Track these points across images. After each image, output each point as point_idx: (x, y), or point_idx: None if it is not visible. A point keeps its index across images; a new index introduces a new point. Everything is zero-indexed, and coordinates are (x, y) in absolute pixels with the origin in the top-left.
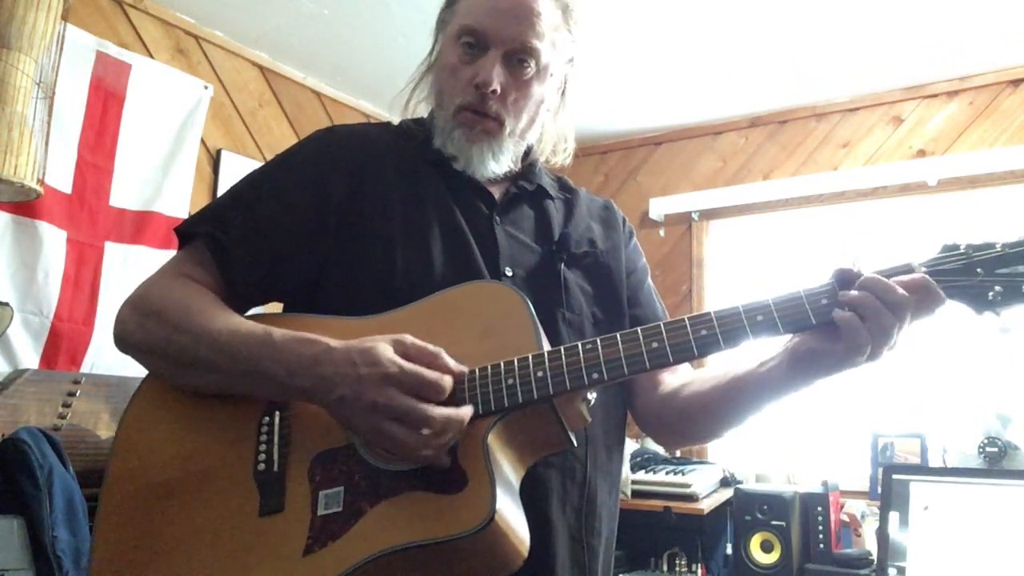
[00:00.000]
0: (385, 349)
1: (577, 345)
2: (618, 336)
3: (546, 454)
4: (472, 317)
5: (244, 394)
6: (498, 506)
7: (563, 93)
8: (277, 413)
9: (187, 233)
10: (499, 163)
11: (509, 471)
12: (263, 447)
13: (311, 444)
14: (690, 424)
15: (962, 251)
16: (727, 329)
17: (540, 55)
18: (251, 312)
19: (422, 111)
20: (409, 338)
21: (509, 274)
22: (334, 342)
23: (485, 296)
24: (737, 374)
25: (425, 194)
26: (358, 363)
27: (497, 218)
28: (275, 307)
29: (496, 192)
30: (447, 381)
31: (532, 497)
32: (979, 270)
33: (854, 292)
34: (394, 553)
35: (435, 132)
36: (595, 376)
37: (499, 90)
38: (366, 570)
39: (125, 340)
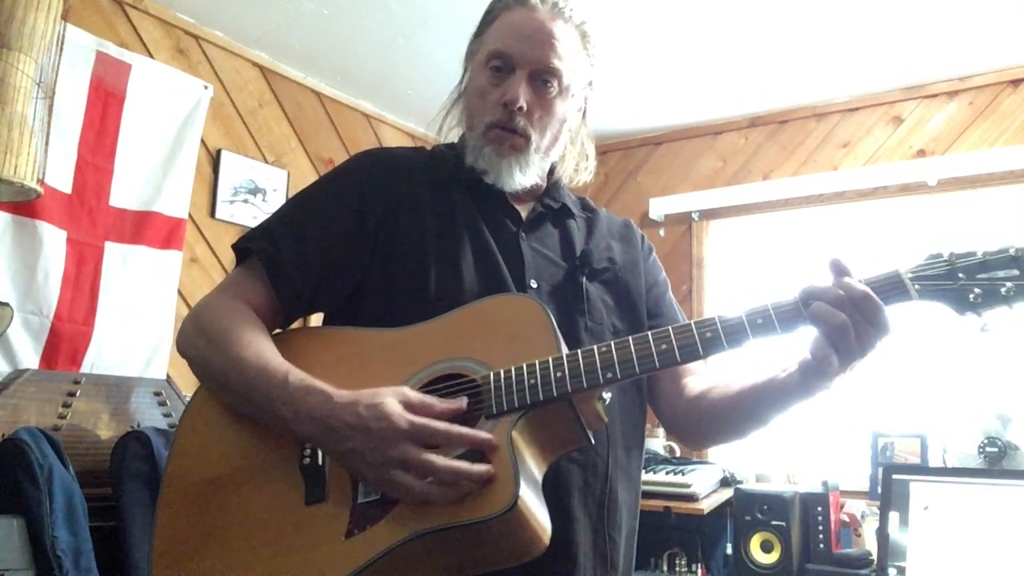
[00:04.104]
0: (392, 404)
1: (593, 348)
2: (630, 339)
3: (567, 451)
4: (498, 326)
5: (262, 422)
6: (520, 493)
7: (583, 115)
8: None
9: (243, 249)
10: (526, 176)
11: (532, 464)
12: (308, 444)
13: None
14: (715, 425)
15: (945, 258)
16: (730, 331)
17: (562, 75)
18: (294, 326)
19: (453, 138)
20: (411, 391)
21: (534, 286)
22: (339, 395)
23: (510, 307)
24: (759, 380)
25: (456, 212)
26: (367, 417)
27: (523, 234)
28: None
29: (522, 210)
30: (454, 430)
31: (556, 490)
32: (961, 275)
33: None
34: (426, 535)
35: (467, 152)
36: (609, 375)
37: (525, 107)
38: (401, 551)
39: (182, 351)
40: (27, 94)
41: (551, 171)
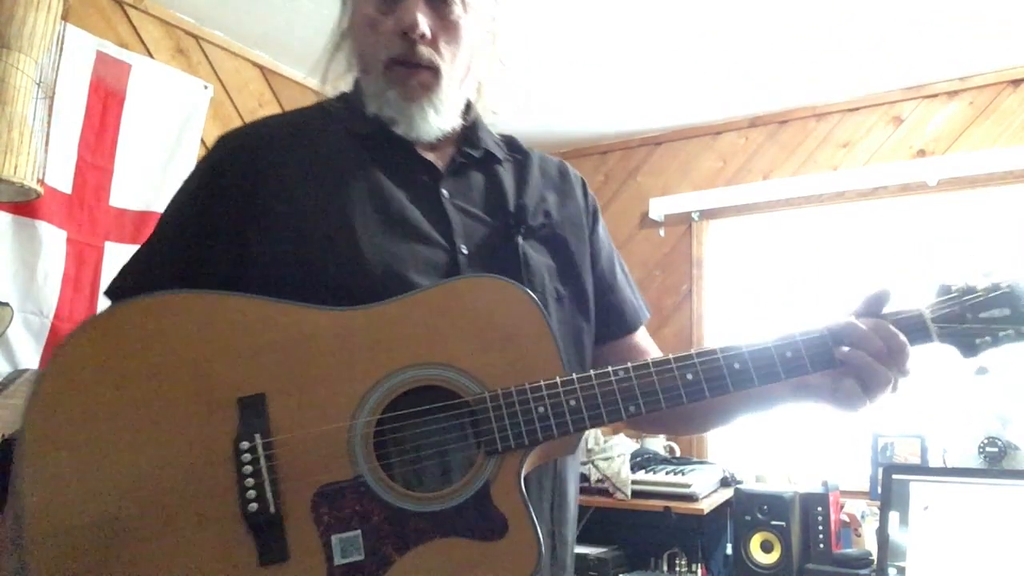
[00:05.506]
0: None
1: (608, 372)
2: (651, 365)
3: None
4: (482, 322)
5: None
6: (542, 550)
7: (494, 37)
8: (258, 436)
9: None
10: (443, 117)
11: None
12: (249, 480)
13: (308, 477)
14: (681, 420)
15: (954, 294)
16: (761, 366)
17: None
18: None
19: (345, 87)
20: None
21: (465, 251)
22: None
23: (493, 296)
24: None
25: (354, 173)
26: None
27: (445, 191)
28: None
29: (438, 161)
30: None
31: None
32: (968, 315)
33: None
34: None
35: (366, 99)
36: (632, 409)
37: (428, 34)
38: None
39: None
40: (27, 94)
41: (468, 108)
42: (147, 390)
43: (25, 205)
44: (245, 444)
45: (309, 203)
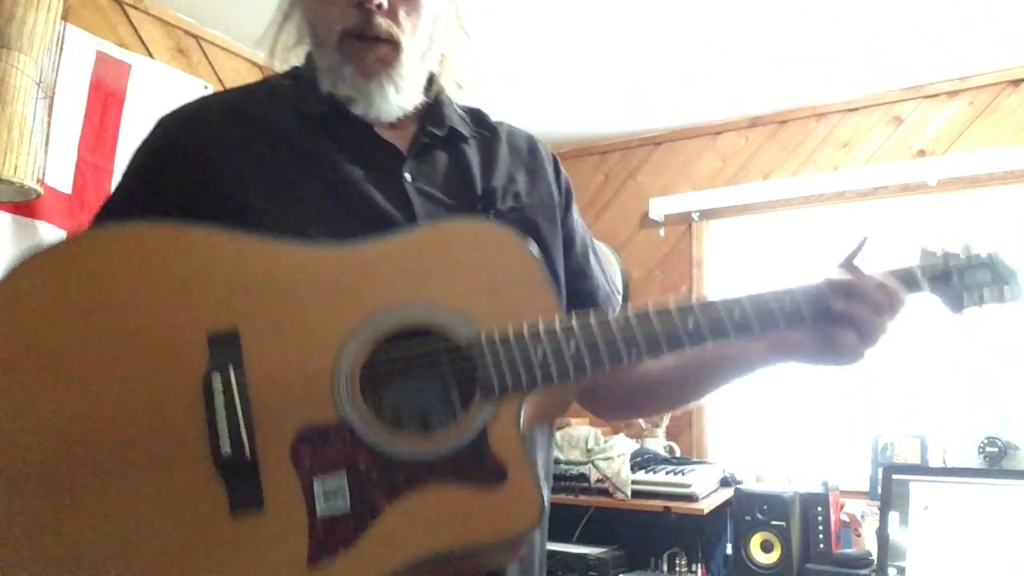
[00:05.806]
0: None
1: (608, 317)
2: (651, 311)
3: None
4: (470, 263)
5: None
6: (544, 503)
7: (456, 4)
8: (231, 368)
9: None
10: (404, 95)
11: None
12: (221, 419)
13: (286, 416)
14: (646, 398)
15: (940, 257)
16: (761, 314)
17: None
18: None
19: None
20: None
21: None
22: None
23: (480, 238)
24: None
25: (305, 160)
26: None
27: (407, 175)
28: None
29: (400, 142)
30: None
31: None
32: (953, 275)
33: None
34: (432, 557)
35: (320, 75)
36: (634, 352)
37: (385, 3)
38: None
39: None
40: (27, 94)
41: (430, 83)
42: (103, 322)
43: (25, 205)
44: (216, 375)
45: (259, 195)
